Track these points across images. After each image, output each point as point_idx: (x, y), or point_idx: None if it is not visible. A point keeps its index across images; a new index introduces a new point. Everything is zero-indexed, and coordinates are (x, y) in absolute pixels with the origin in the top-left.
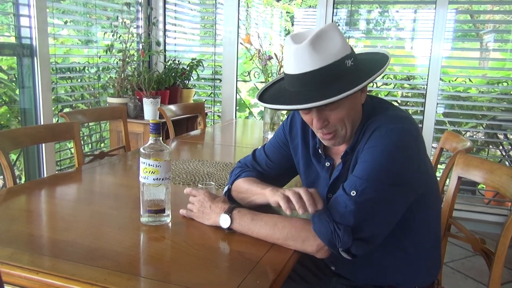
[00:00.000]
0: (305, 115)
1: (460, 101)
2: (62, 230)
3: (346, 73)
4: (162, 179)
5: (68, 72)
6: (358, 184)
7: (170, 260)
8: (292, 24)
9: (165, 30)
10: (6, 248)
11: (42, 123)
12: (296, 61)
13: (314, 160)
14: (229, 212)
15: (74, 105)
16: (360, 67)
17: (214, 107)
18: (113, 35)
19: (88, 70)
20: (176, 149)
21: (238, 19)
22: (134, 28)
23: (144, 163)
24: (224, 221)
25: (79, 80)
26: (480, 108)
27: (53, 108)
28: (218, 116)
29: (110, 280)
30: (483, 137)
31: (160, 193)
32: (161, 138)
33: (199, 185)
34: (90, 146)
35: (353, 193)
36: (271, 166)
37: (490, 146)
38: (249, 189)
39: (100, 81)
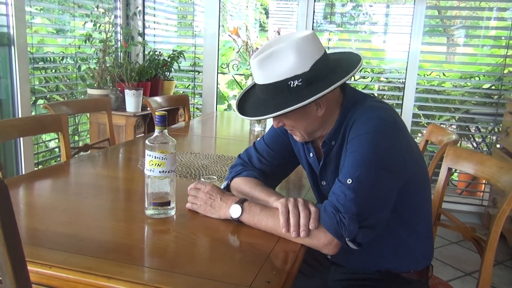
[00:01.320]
0: None
1: (434, 95)
2: (67, 224)
3: (286, 93)
4: (168, 172)
5: (42, 62)
6: (352, 172)
7: (182, 252)
8: (267, 17)
9: (144, 21)
10: None
11: (20, 115)
12: (253, 73)
13: (305, 150)
14: (241, 203)
15: (49, 96)
16: (306, 89)
17: (194, 99)
18: (93, 25)
19: (65, 60)
20: None
21: (220, 10)
22: (113, 17)
23: (150, 155)
24: (235, 211)
25: (53, 71)
26: (453, 101)
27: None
28: (197, 108)
29: (127, 273)
30: (456, 130)
31: (165, 186)
32: (166, 130)
33: (202, 179)
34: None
35: (349, 181)
36: (272, 155)
37: (463, 139)
38: (250, 192)
39: (79, 72)
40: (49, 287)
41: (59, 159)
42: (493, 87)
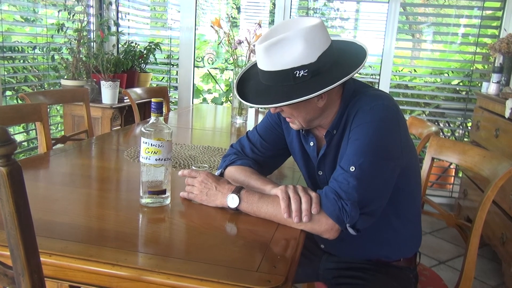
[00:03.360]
0: None
1: (405, 90)
2: (62, 213)
3: (292, 82)
4: (164, 159)
5: (10, 52)
6: (355, 160)
7: (183, 239)
8: (239, 12)
9: (117, 12)
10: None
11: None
12: (258, 58)
13: (303, 140)
14: (237, 192)
15: (16, 87)
16: (312, 80)
17: (169, 92)
18: (68, 14)
19: (35, 50)
20: None
21: (196, 4)
22: (85, 7)
23: (146, 143)
24: (232, 200)
25: (21, 61)
26: (423, 97)
27: None
28: (172, 102)
29: (131, 260)
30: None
31: (160, 174)
32: (162, 117)
33: (192, 167)
34: (35, 132)
35: (352, 168)
36: (265, 146)
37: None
38: (245, 181)
39: (51, 63)
40: (50, 278)
41: (30, 152)
42: (461, 83)
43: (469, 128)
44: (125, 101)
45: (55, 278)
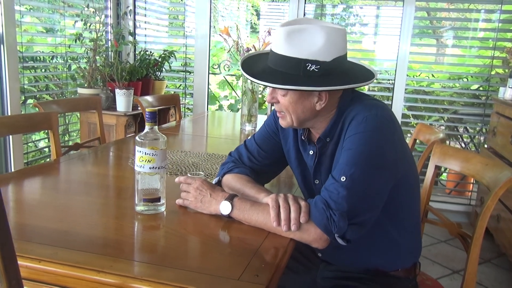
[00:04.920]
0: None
1: (423, 96)
2: (57, 220)
3: (300, 73)
4: (158, 168)
5: (32, 62)
6: (347, 170)
7: (172, 247)
8: (258, 18)
9: (134, 20)
10: None
11: (9, 114)
12: (275, 40)
13: (301, 148)
14: (230, 199)
15: (38, 96)
16: (320, 77)
17: (185, 99)
18: (84, 24)
19: (55, 59)
20: None
21: (211, 11)
22: (103, 17)
23: (140, 151)
24: (225, 208)
25: (43, 70)
26: (442, 102)
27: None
28: (189, 108)
29: (116, 266)
30: (445, 130)
31: (155, 182)
32: (156, 126)
33: (188, 174)
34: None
35: (343, 178)
36: (263, 155)
37: (451, 139)
38: (241, 189)
39: (69, 72)
40: (39, 282)
41: (48, 159)
42: (480, 88)
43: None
44: (139, 108)
45: (45, 283)
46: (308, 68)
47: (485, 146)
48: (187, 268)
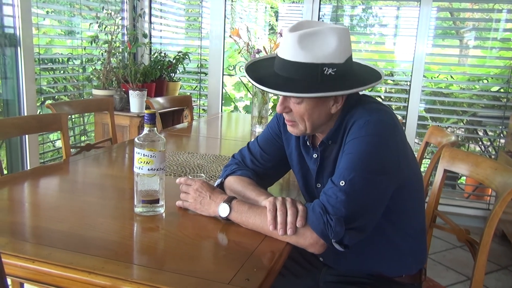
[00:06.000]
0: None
1: (441, 97)
2: (56, 220)
3: (318, 78)
4: (157, 169)
5: (51, 63)
6: (346, 175)
7: (167, 249)
8: (277, 19)
9: (150, 22)
10: (1, 238)
11: (25, 115)
12: (285, 47)
13: (303, 152)
14: (229, 201)
15: (56, 97)
16: (338, 80)
17: (199, 100)
18: (98, 26)
19: (72, 61)
20: None
21: (225, 12)
22: (119, 19)
23: (138, 153)
24: (223, 210)
25: (62, 72)
26: (461, 104)
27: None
28: (203, 110)
29: (108, 268)
30: (463, 133)
31: (154, 184)
32: (155, 128)
33: (189, 176)
34: (73, 138)
35: (342, 183)
36: (266, 158)
37: (470, 142)
38: (242, 191)
39: (84, 73)
40: (35, 281)
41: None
42: (501, 90)
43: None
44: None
45: (40, 282)
46: (325, 72)
47: (504, 149)
48: (178, 271)
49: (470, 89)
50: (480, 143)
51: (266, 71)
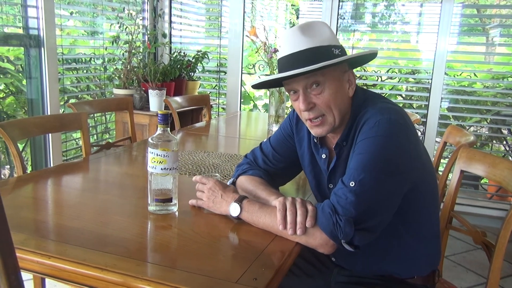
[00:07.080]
0: (295, 102)
1: (464, 96)
2: (72, 217)
3: (331, 57)
4: (170, 169)
5: (74, 63)
6: (356, 175)
7: (178, 247)
8: (297, 17)
9: (170, 22)
10: (19, 234)
11: (49, 114)
12: (288, 43)
13: (314, 152)
14: (240, 201)
15: (80, 96)
16: (343, 57)
17: (219, 99)
18: (119, 27)
19: (94, 61)
20: (181, 141)
21: (244, 11)
22: (140, 19)
23: (152, 153)
24: (234, 209)
25: (85, 71)
26: (484, 103)
27: (59, 99)
28: (223, 108)
29: (120, 265)
30: (487, 132)
31: (167, 183)
32: (169, 128)
33: (204, 175)
34: (95, 137)
35: (352, 184)
36: (278, 158)
37: (494, 141)
38: (253, 190)
39: (106, 73)
40: (52, 277)
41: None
42: None
43: None
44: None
45: (55, 277)
46: (334, 52)
47: None
48: (187, 269)
49: (494, 87)
50: (504, 142)
51: (279, 73)
